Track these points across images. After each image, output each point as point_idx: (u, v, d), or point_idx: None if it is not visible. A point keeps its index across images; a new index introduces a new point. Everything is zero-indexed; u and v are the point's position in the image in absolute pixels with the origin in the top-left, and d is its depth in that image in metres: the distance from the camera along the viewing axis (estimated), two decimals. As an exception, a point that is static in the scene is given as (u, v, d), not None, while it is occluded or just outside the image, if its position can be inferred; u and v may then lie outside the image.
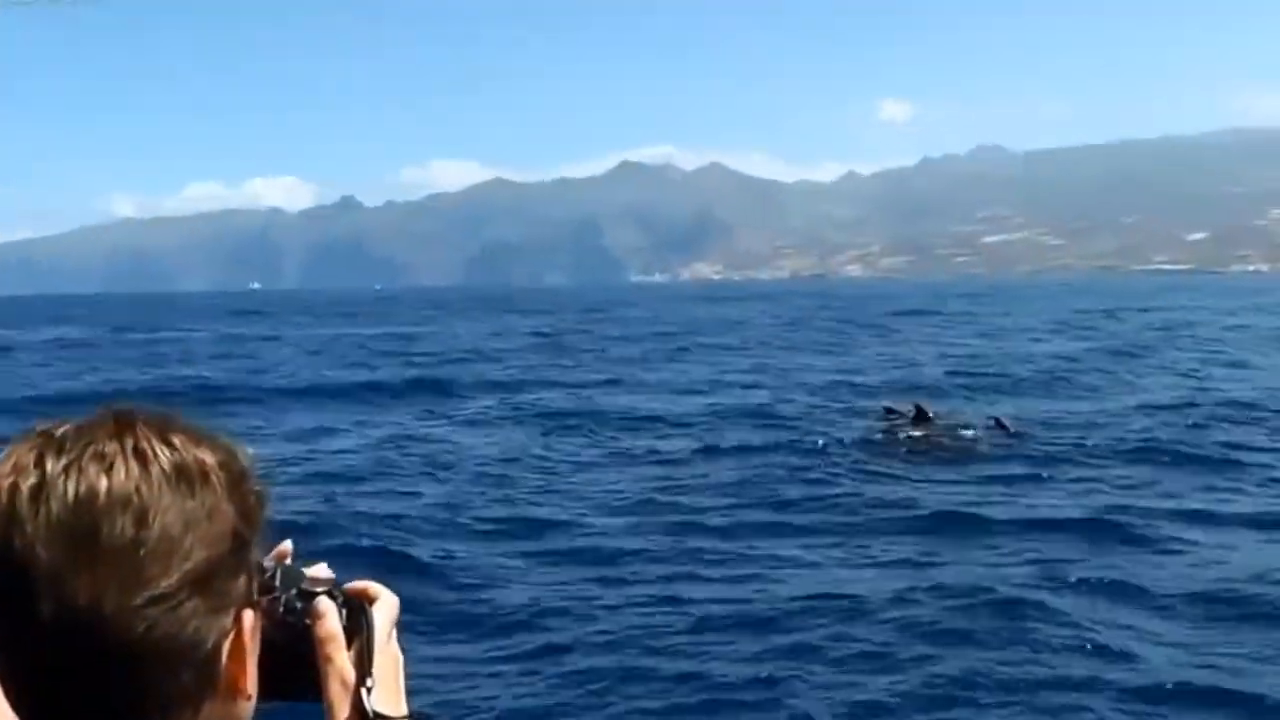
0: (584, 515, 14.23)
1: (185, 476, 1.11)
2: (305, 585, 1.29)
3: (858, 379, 29.53)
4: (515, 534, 13.43)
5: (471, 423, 23.09)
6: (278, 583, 1.26)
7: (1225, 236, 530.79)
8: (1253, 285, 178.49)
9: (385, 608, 1.33)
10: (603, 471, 17.49)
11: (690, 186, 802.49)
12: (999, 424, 20.35)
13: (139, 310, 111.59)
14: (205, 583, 1.10)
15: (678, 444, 19.66)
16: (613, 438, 20.94)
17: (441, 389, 29.12)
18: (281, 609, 1.25)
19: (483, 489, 16.07)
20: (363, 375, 33.40)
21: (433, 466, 17.88)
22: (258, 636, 1.19)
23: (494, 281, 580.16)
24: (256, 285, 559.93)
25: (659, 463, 18.22)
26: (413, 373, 33.49)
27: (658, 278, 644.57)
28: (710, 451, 18.89)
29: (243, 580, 1.16)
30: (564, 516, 14.19)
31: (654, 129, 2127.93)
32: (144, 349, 49.21)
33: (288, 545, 1.30)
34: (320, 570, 1.31)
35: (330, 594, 1.29)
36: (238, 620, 1.15)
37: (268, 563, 1.25)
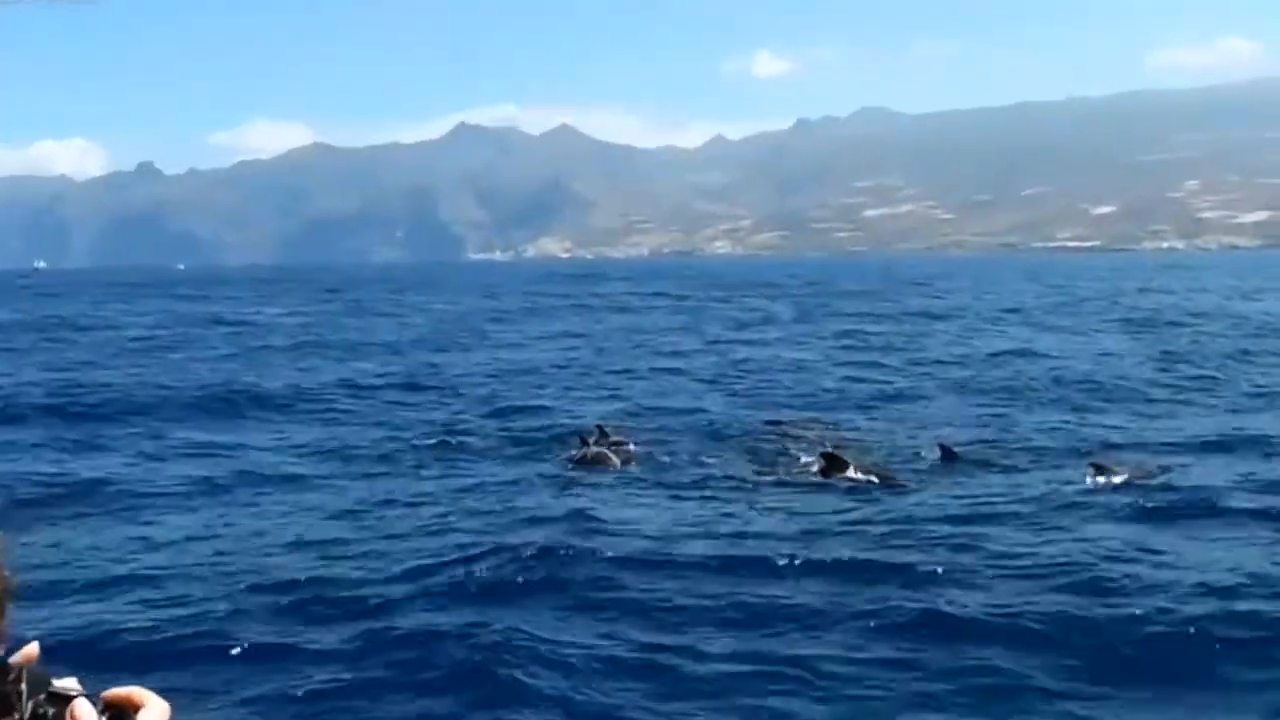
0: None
1: None
2: (55, 689, 1.20)
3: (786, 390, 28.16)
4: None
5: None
6: (24, 687, 1.17)
7: (1136, 210, 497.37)
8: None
9: (154, 716, 1.21)
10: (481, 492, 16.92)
11: (536, 152, 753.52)
12: (946, 452, 18.96)
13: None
14: None
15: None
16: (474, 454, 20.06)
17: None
18: (29, 715, 1.16)
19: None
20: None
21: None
22: None
23: (315, 259, 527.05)
24: (41, 264, 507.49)
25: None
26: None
27: (499, 255, 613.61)
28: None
29: None
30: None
31: (495, 87, 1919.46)
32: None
33: (34, 648, 1.18)
34: (69, 683, 1.20)
35: (88, 699, 1.21)
36: None
37: (13, 661, 1.16)
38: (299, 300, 73.91)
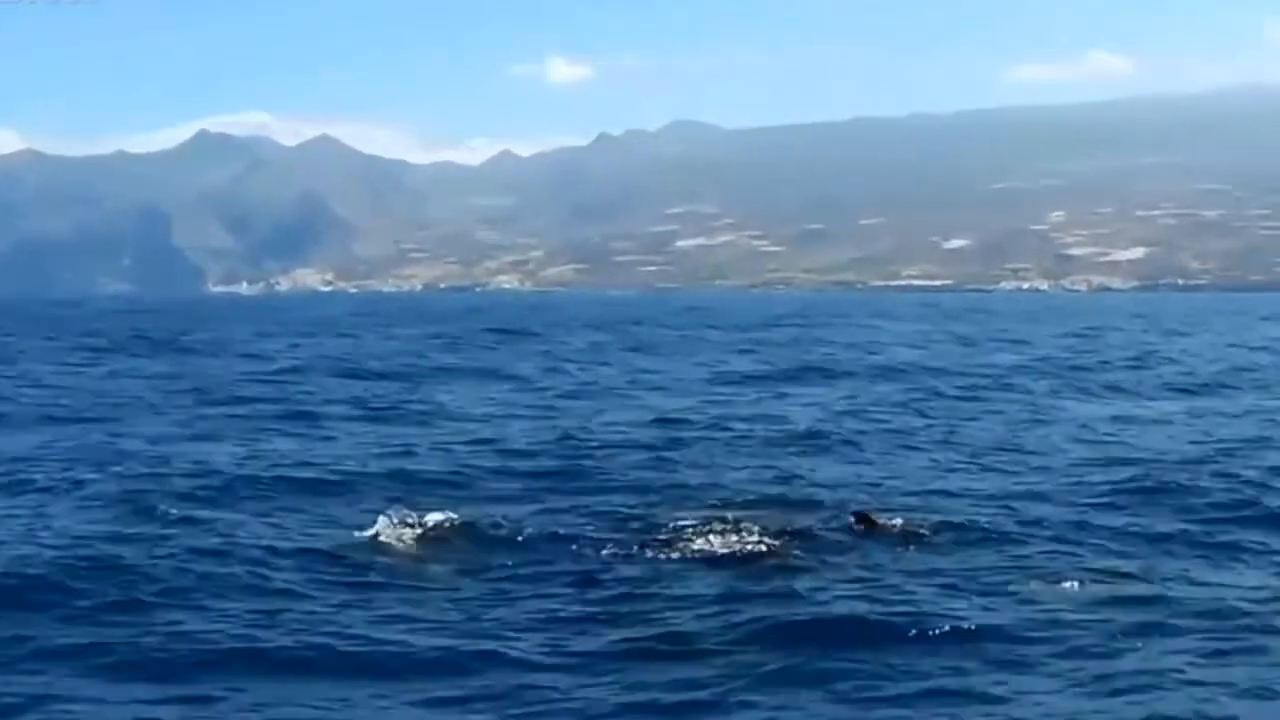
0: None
1: None
2: None
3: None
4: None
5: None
6: None
7: (993, 245, 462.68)
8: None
9: None
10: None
11: (292, 167, 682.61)
12: (863, 520, 18.04)
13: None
14: None
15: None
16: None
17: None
18: None
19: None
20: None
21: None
22: None
23: (25, 289, 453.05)
24: None
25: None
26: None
27: (246, 289, 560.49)
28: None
29: None
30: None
31: (242, 89, 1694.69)
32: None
33: None
34: None
35: None
36: None
37: None
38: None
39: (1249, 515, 20.18)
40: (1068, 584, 15.48)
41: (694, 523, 18.19)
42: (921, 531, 17.66)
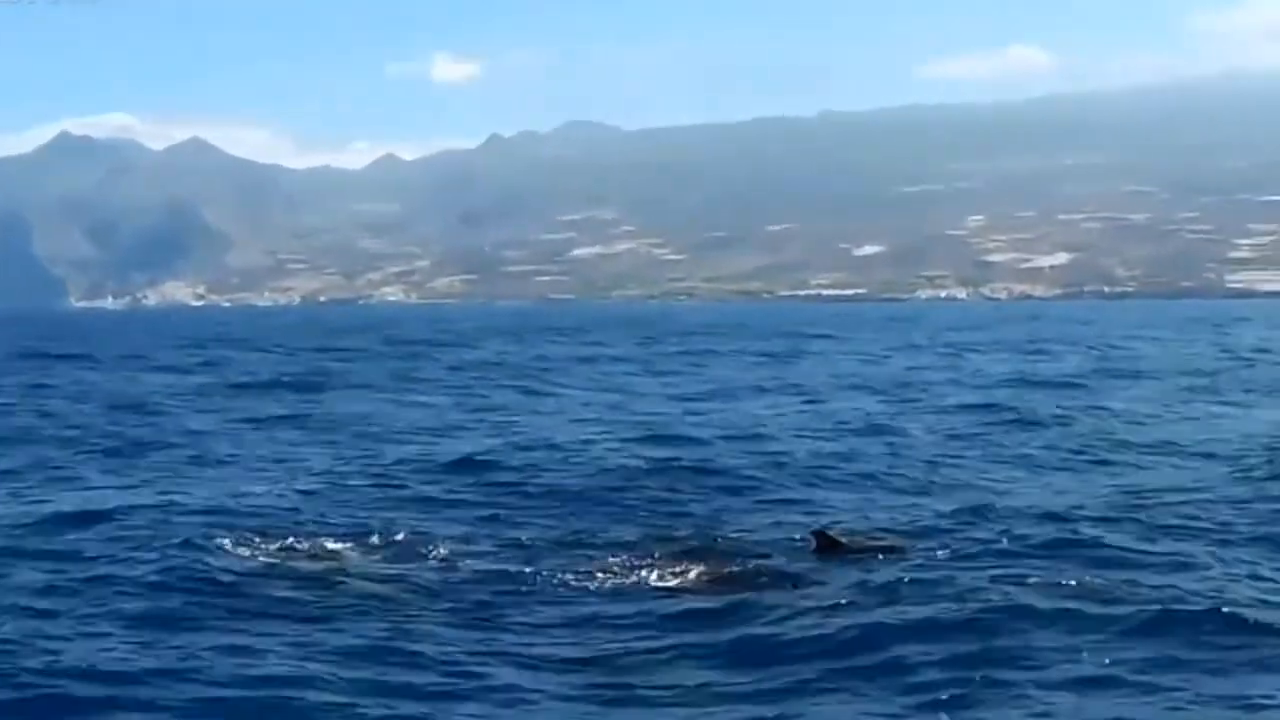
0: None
1: None
2: None
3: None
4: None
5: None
6: None
7: (908, 251, 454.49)
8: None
9: None
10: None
11: (159, 172, 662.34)
12: (823, 540, 17.78)
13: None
14: None
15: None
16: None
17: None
18: None
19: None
20: None
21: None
22: None
23: None
24: None
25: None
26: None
27: (111, 303, 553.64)
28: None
29: None
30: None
31: (104, 89, 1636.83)
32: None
33: None
34: None
35: None
36: None
37: None
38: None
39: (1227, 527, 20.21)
40: (1044, 598, 15.15)
41: (640, 548, 18.11)
42: (887, 547, 17.60)
